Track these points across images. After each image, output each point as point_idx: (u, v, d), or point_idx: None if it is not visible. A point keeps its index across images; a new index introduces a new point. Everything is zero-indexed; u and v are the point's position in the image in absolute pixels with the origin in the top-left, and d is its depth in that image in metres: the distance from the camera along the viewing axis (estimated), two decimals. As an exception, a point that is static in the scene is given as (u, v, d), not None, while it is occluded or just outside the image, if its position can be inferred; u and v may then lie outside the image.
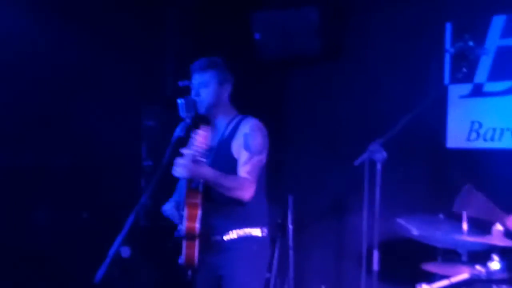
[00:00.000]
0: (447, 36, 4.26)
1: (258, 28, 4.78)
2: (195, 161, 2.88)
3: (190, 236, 2.95)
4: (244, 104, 3.34)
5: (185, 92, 3.19)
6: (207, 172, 2.93)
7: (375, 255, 3.43)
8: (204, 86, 3.09)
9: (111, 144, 4.30)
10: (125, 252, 2.65)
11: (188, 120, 3.03)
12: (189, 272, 3.07)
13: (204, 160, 2.91)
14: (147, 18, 4.63)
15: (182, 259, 3.01)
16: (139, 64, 4.52)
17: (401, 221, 3.58)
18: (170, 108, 3.26)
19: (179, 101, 3.06)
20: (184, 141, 3.11)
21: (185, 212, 2.97)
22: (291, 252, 4.63)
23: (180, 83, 4.29)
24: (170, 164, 3.02)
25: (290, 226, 4.62)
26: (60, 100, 4.18)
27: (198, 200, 2.96)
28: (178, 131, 3.01)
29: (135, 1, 4.52)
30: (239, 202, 3.00)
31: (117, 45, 4.40)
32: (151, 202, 3.45)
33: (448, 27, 4.25)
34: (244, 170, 3.00)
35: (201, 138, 2.88)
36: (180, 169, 2.89)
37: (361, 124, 4.55)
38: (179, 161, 2.89)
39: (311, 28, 4.57)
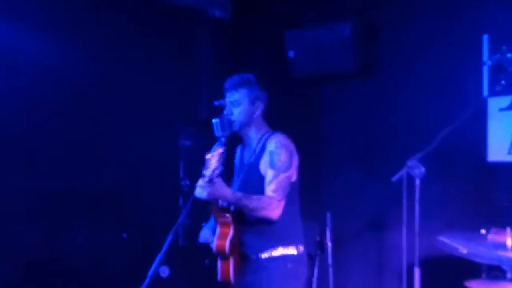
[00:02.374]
0: (484, 49, 4.19)
1: (292, 46, 4.81)
2: (211, 181, 2.83)
3: (221, 254, 2.97)
4: (280, 121, 3.35)
5: (221, 111, 3.21)
6: (227, 193, 2.90)
7: (417, 272, 3.37)
8: (236, 105, 3.09)
9: (150, 164, 4.36)
10: (164, 272, 2.68)
11: (223, 139, 3.05)
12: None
13: (217, 180, 2.85)
14: (182, 39, 4.70)
15: (219, 277, 3.03)
16: (176, 85, 4.59)
17: (442, 237, 3.51)
18: (206, 128, 3.29)
19: (213, 121, 3.08)
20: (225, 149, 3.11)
21: (217, 231, 2.99)
22: (330, 270, 4.58)
23: (216, 103, 4.34)
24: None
25: (329, 244, 4.58)
26: (100, 123, 4.27)
27: (229, 218, 2.97)
28: (214, 151, 3.03)
29: (169, 24, 4.60)
30: (269, 221, 2.97)
31: (154, 68, 4.49)
32: (189, 222, 3.49)
33: (486, 39, 4.19)
34: (270, 188, 2.97)
35: (214, 158, 2.83)
36: (199, 190, 2.87)
37: (399, 140, 4.50)
38: (199, 182, 2.87)
39: (344, 45, 4.57)
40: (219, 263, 3.01)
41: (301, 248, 3.10)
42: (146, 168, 4.34)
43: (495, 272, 3.48)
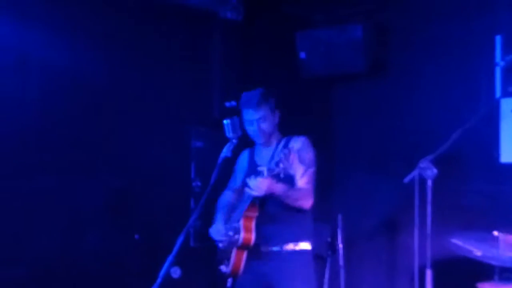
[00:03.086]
0: (497, 50, 4.17)
1: (303, 47, 4.81)
2: (275, 176, 3.04)
3: (245, 247, 3.15)
4: (291, 122, 3.36)
5: (232, 112, 3.23)
6: (279, 187, 3.11)
7: (428, 274, 3.36)
8: (263, 121, 3.29)
9: (160, 165, 4.37)
10: (176, 272, 2.70)
11: (234, 141, 3.07)
12: (230, 280, 3.29)
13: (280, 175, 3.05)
14: (194, 41, 4.71)
15: (228, 267, 3.21)
16: (187, 86, 4.60)
17: (454, 239, 3.49)
18: (217, 129, 3.31)
19: (225, 122, 3.10)
20: (231, 161, 3.14)
21: (241, 224, 3.16)
22: (341, 271, 4.57)
23: (227, 104, 4.35)
24: (218, 184, 3.07)
25: (340, 245, 4.57)
26: (111, 124, 4.28)
27: (256, 213, 3.17)
28: (225, 152, 3.07)
29: (181, 25, 4.61)
30: (296, 216, 3.21)
31: (165, 69, 4.49)
32: (200, 223, 3.50)
33: (498, 40, 4.16)
34: (303, 181, 3.23)
35: (289, 157, 3.00)
36: (257, 185, 3.04)
37: (410, 141, 4.48)
38: (256, 180, 3.04)
39: (356, 46, 4.56)
40: (234, 253, 3.18)
41: (312, 243, 3.33)
42: (157, 169, 4.35)
43: (508, 274, 3.46)
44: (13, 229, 3.84)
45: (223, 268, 3.27)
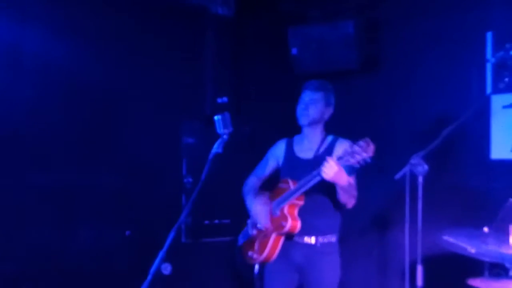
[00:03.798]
0: (488, 46, 4.18)
1: (295, 43, 4.81)
2: (347, 166, 3.16)
3: (289, 232, 3.31)
4: (283, 118, 3.36)
5: (224, 108, 3.22)
6: (346, 179, 3.25)
7: (419, 270, 3.37)
8: (313, 103, 3.48)
9: (152, 161, 4.36)
10: (166, 269, 2.68)
11: (225, 137, 3.06)
12: (257, 267, 3.45)
13: (356, 167, 3.19)
14: (186, 36, 4.70)
15: (261, 254, 3.35)
16: (179, 82, 4.59)
17: (445, 235, 3.50)
18: (209, 125, 3.29)
19: (216, 118, 3.09)
20: (222, 157, 3.14)
21: (286, 210, 3.32)
22: (333, 268, 4.57)
23: (219, 100, 4.35)
24: (209, 180, 3.05)
25: (331, 241, 4.57)
26: (103, 120, 4.27)
27: (302, 202, 3.33)
28: (216, 148, 3.05)
29: (172, 21, 4.60)
30: (333, 209, 3.43)
31: (157, 65, 4.48)
32: (191, 219, 3.50)
33: (489, 36, 4.17)
34: (352, 181, 3.38)
35: (369, 150, 3.09)
36: (332, 170, 3.14)
37: (402, 137, 4.50)
38: (330, 161, 3.13)
39: (348, 42, 4.56)
40: (272, 238, 3.33)
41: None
42: (149, 165, 4.35)
43: (498, 269, 3.48)
44: (5, 226, 3.83)
45: (252, 254, 3.38)
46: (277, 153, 3.64)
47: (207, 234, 3.94)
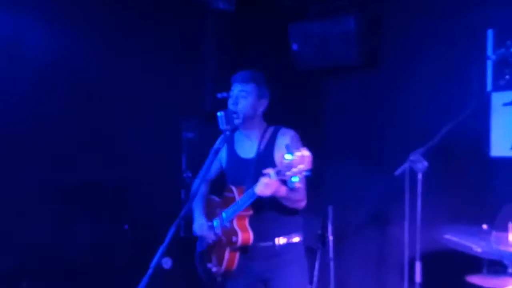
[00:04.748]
0: (489, 43, 4.18)
1: (296, 39, 4.80)
2: (282, 180, 2.87)
3: (243, 246, 3.06)
4: (283, 113, 3.35)
5: (224, 104, 3.22)
6: (283, 189, 2.98)
7: (418, 266, 3.38)
8: (244, 97, 3.15)
9: (152, 156, 4.36)
10: (167, 263, 2.68)
11: (227, 133, 3.06)
12: (219, 279, 3.20)
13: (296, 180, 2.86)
14: (186, 32, 4.69)
15: (219, 267, 3.13)
16: (179, 77, 4.58)
17: (444, 231, 3.51)
18: (209, 120, 3.29)
19: (218, 114, 3.08)
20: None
21: (235, 223, 3.07)
22: (331, 263, 4.59)
23: (219, 95, 4.34)
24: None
25: (330, 237, 4.59)
26: (103, 115, 4.26)
27: (250, 212, 3.07)
28: (218, 144, 3.05)
29: (173, 15, 4.59)
30: (287, 211, 3.10)
31: (157, 60, 4.47)
32: (191, 214, 3.49)
33: (490, 33, 4.17)
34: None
35: (303, 159, 2.76)
36: (263, 189, 2.89)
37: (402, 134, 4.50)
38: (264, 180, 2.89)
39: (349, 38, 4.56)
40: (227, 253, 3.10)
41: (302, 235, 3.26)
42: (148, 160, 4.34)
43: (496, 267, 3.49)
44: (4, 221, 3.83)
45: (211, 267, 3.19)
46: (219, 154, 3.27)
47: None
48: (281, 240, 3.15)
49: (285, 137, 3.14)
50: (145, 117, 4.43)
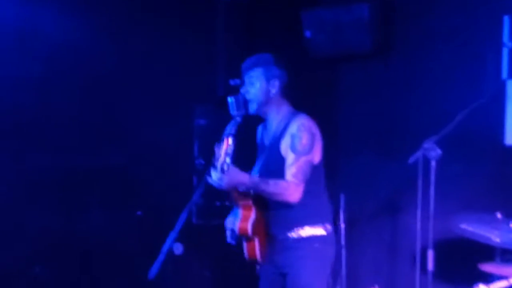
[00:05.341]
0: (505, 30, 4.12)
1: (309, 26, 4.76)
2: (222, 171, 2.85)
3: (244, 236, 3.00)
4: (295, 102, 3.33)
5: (236, 90, 3.20)
6: (244, 179, 2.93)
7: (430, 254, 3.37)
8: (251, 84, 3.09)
9: (164, 143, 4.37)
10: (178, 249, 2.70)
11: (238, 118, 3.04)
12: (258, 267, 3.17)
13: (229, 169, 2.87)
14: (198, 18, 4.68)
15: (246, 256, 3.09)
16: (191, 64, 4.58)
17: (457, 220, 3.49)
18: (221, 107, 3.28)
19: (229, 99, 3.08)
20: (235, 139, 3.13)
21: (239, 213, 3.01)
22: (343, 251, 4.59)
23: (231, 82, 4.33)
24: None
25: (342, 225, 4.58)
26: (114, 102, 4.28)
27: (250, 201, 2.99)
28: (229, 130, 3.04)
29: (186, 2, 4.58)
30: (294, 204, 2.99)
31: (169, 46, 4.48)
32: (203, 200, 3.51)
33: (506, 20, 4.11)
34: (290, 172, 2.98)
35: (221, 150, 2.86)
36: (217, 182, 2.89)
37: (415, 121, 4.46)
38: (213, 175, 2.89)
39: (362, 25, 4.51)
40: (244, 244, 3.05)
41: (329, 227, 3.11)
42: (161, 147, 4.36)
43: (509, 255, 3.46)
44: (16, 207, 3.86)
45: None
46: (258, 141, 3.30)
47: (218, 216, 3.93)
48: (292, 232, 3.05)
49: (294, 125, 3.04)
50: (158, 103, 4.44)
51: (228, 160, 2.85)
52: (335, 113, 5.07)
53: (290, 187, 2.94)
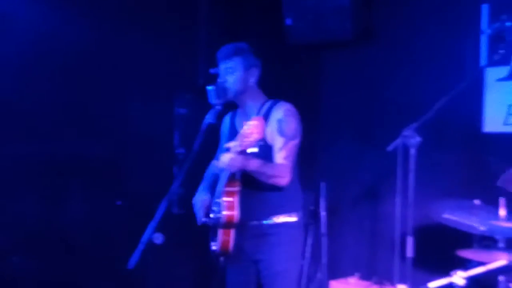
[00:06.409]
0: (483, 17, 4.15)
1: (290, 14, 4.75)
2: (243, 152, 2.85)
3: (229, 224, 2.98)
4: (276, 89, 3.33)
5: (216, 79, 3.19)
6: (253, 162, 2.94)
7: (409, 241, 3.39)
8: (230, 73, 3.10)
9: (143, 132, 4.34)
10: (158, 238, 2.68)
11: (218, 107, 3.03)
12: (221, 258, 3.11)
13: (254, 151, 2.88)
14: (178, 5, 4.63)
15: (217, 246, 3.05)
16: (171, 52, 4.54)
17: (436, 207, 3.52)
18: (202, 96, 3.27)
19: (208, 88, 3.06)
20: (215, 128, 3.12)
21: (224, 200, 2.98)
22: (324, 239, 4.62)
23: (211, 71, 4.30)
24: (201, 151, 3.04)
25: (323, 213, 4.60)
26: (94, 89, 4.22)
27: (237, 188, 2.99)
28: (208, 118, 3.02)
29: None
30: (276, 188, 3.03)
31: (148, 33, 4.42)
32: (183, 190, 3.49)
33: (485, 8, 4.14)
34: (280, 156, 3.02)
35: (253, 128, 2.78)
36: (228, 163, 2.89)
37: (395, 109, 4.49)
38: (226, 155, 2.88)
39: (343, 12, 4.51)
40: (220, 232, 3.01)
41: (300, 215, 3.16)
42: (140, 136, 4.32)
43: (487, 241, 3.51)
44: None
45: (213, 245, 3.12)
46: (224, 130, 3.33)
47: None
48: (268, 220, 3.07)
49: (279, 111, 3.07)
50: (137, 92, 4.39)
51: (256, 143, 2.81)
52: (315, 100, 5.08)
53: (284, 169, 3.00)
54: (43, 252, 3.96)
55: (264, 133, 2.89)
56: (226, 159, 2.90)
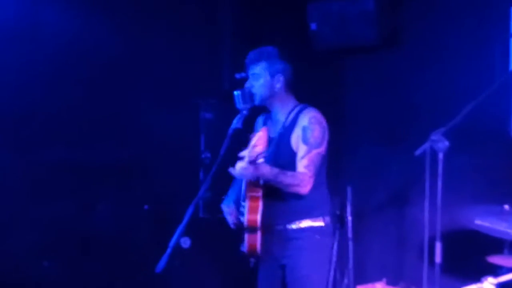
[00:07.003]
0: (512, 21, 4.10)
1: (314, 19, 4.74)
2: (252, 162, 2.86)
3: (252, 228, 2.99)
4: (302, 95, 3.33)
5: (242, 84, 3.20)
6: (266, 172, 2.94)
7: (438, 247, 3.35)
8: (256, 78, 3.11)
9: (170, 137, 4.38)
10: (186, 242, 2.70)
11: (245, 112, 3.04)
12: (252, 260, 3.13)
13: (262, 160, 2.90)
14: (203, 11, 4.67)
15: (244, 248, 3.07)
16: (197, 57, 4.58)
17: (466, 212, 3.48)
18: (227, 101, 3.29)
19: (235, 93, 3.08)
20: (241, 133, 3.13)
21: (246, 205, 3.01)
22: (350, 244, 4.58)
23: (237, 76, 4.32)
24: (228, 156, 3.06)
25: (349, 218, 4.57)
26: (122, 95, 4.28)
27: (259, 193, 3.00)
28: (235, 123, 3.04)
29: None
30: (298, 195, 3.02)
31: (174, 39, 4.47)
32: (209, 194, 3.51)
33: (514, 11, 4.09)
34: (302, 164, 3.01)
35: (258, 140, 2.85)
36: (240, 172, 2.91)
37: (422, 113, 4.45)
38: (239, 164, 2.90)
39: (367, 17, 4.50)
40: (246, 236, 3.04)
41: (327, 219, 3.14)
42: (167, 140, 4.36)
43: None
44: (26, 200, 3.88)
45: (242, 247, 3.12)
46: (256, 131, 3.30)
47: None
48: (292, 224, 3.07)
49: (305, 118, 3.08)
50: (164, 98, 4.44)
51: (262, 154, 2.86)
52: (341, 105, 5.06)
53: (305, 179, 2.97)
54: (72, 256, 4.01)
55: (266, 145, 2.92)
56: (238, 168, 2.92)
